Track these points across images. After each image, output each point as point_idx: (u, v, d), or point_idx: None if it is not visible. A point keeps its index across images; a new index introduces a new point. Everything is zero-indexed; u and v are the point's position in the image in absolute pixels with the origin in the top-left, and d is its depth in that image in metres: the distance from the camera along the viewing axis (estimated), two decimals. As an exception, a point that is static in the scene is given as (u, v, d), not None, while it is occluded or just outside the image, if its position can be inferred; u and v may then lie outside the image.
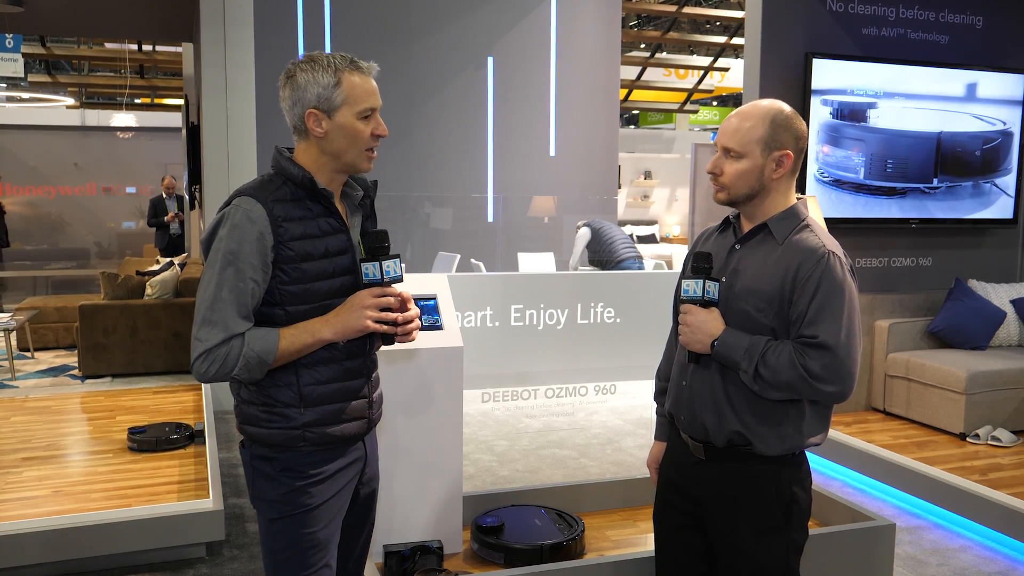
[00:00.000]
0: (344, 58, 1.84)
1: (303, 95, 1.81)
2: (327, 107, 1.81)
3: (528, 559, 2.92)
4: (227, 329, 1.75)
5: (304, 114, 1.82)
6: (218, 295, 1.75)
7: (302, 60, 1.84)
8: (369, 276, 1.85)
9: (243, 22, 5.91)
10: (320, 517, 1.89)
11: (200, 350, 1.75)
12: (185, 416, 4.95)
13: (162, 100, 16.51)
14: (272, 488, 1.88)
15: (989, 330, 5.10)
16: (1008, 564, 3.58)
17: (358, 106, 1.83)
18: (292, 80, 1.83)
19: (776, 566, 2.03)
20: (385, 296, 1.84)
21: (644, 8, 12.51)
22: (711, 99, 18.09)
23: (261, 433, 1.87)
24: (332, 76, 1.80)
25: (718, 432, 2.04)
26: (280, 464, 1.87)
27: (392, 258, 1.86)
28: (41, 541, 3.28)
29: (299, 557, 1.89)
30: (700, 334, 2.01)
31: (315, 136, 1.83)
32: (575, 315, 6.23)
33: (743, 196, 2.03)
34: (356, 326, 1.82)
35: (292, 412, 1.85)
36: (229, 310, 1.75)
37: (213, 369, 1.75)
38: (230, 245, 1.76)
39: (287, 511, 1.87)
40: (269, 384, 1.85)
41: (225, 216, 1.80)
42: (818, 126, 4.89)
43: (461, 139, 8.50)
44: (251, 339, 1.76)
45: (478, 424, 5.58)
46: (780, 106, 2.03)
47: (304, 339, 1.81)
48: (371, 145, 1.87)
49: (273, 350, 1.77)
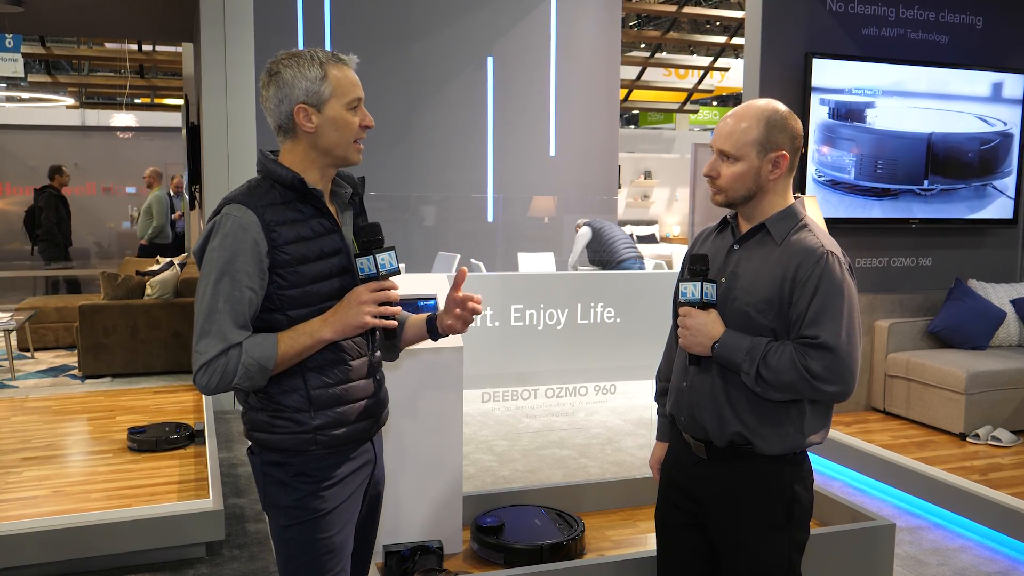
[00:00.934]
0: (323, 52, 1.82)
1: (290, 91, 1.78)
2: (316, 100, 1.78)
3: (528, 559, 2.92)
4: (224, 340, 1.73)
5: (293, 110, 1.79)
6: (214, 306, 1.73)
7: (283, 57, 1.81)
8: (365, 271, 1.83)
9: (243, 22, 5.91)
10: (334, 521, 1.87)
11: (199, 363, 1.74)
12: (185, 416, 4.95)
13: (162, 100, 16.52)
14: (285, 494, 1.86)
15: (989, 330, 5.10)
16: (1008, 564, 3.58)
17: (345, 97, 1.81)
18: (277, 77, 1.79)
19: (778, 565, 2.03)
20: (383, 290, 1.82)
21: (644, 8, 12.52)
22: (711, 99, 18.10)
23: (272, 439, 1.84)
24: (318, 69, 1.78)
25: (719, 433, 2.04)
26: (293, 469, 1.85)
27: (387, 250, 1.83)
28: (41, 541, 3.28)
29: (315, 563, 1.86)
30: (700, 336, 2.01)
31: (305, 132, 1.80)
32: (575, 315, 6.22)
33: (740, 198, 2.03)
34: (355, 323, 1.80)
35: (302, 416, 1.83)
36: (225, 321, 1.73)
37: (215, 381, 1.74)
38: (223, 255, 1.74)
39: (301, 516, 1.85)
40: (276, 391, 1.83)
41: (216, 225, 1.77)
42: (816, 126, 4.89)
43: (461, 139, 8.50)
44: (249, 347, 1.74)
45: (478, 424, 5.58)
46: (775, 106, 2.02)
47: (304, 341, 1.78)
48: (360, 136, 1.85)
49: (272, 355, 1.75)
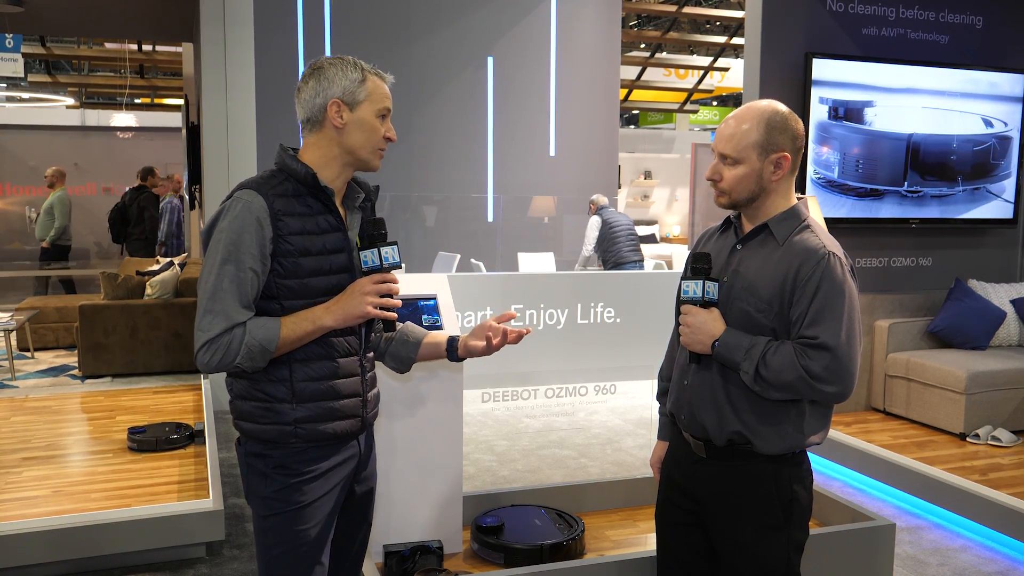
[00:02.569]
0: (366, 63, 1.93)
1: (329, 86, 1.87)
2: (351, 100, 1.87)
3: (528, 559, 2.92)
4: (228, 318, 1.77)
5: (327, 103, 1.87)
6: (219, 285, 1.78)
7: (328, 58, 1.92)
8: (368, 263, 1.87)
9: (243, 22, 5.91)
10: (313, 514, 1.91)
11: (202, 340, 1.78)
12: (185, 416, 4.95)
13: (162, 100, 16.52)
14: (265, 485, 1.90)
15: (989, 330, 5.10)
16: (1008, 564, 3.58)
17: (377, 104, 1.90)
18: (320, 72, 1.89)
19: (777, 564, 2.04)
20: (385, 282, 1.87)
21: (644, 8, 12.52)
22: (711, 99, 18.10)
23: (255, 429, 1.89)
24: (359, 73, 1.89)
25: (718, 432, 2.04)
26: (273, 461, 1.89)
27: (390, 244, 1.89)
28: (41, 541, 3.28)
29: (292, 554, 1.91)
30: (700, 335, 2.01)
31: (334, 126, 1.88)
32: (575, 315, 6.22)
33: (744, 200, 2.04)
34: (356, 312, 1.85)
35: (284, 408, 1.87)
36: (230, 300, 1.78)
37: (216, 358, 1.78)
38: (230, 236, 1.79)
39: (280, 508, 1.89)
40: (263, 378, 1.87)
41: (226, 208, 1.84)
42: (815, 126, 4.89)
43: (461, 139, 8.50)
44: (253, 328, 1.79)
45: (478, 424, 5.58)
46: (775, 107, 2.02)
47: (305, 327, 1.83)
48: (382, 145, 1.93)
49: (275, 338, 1.80)
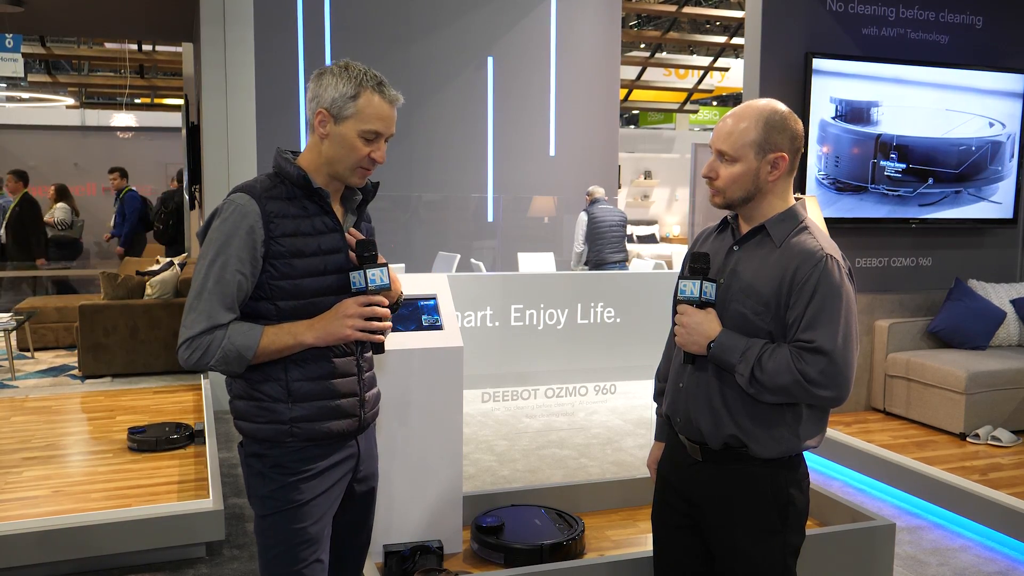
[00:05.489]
0: (374, 77, 1.88)
1: (322, 94, 1.88)
2: (336, 113, 1.87)
3: (528, 559, 2.92)
4: (210, 319, 1.80)
5: (316, 111, 1.88)
6: (204, 285, 1.81)
7: (337, 64, 1.90)
8: (356, 284, 1.90)
9: (243, 22, 5.91)
10: (310, 513, 1.92)
11: (184, 337, 1.82)
12: (185, 416, 4.95)
13: (162, 100, 16.53)
14: (263, 485, 1.92)
15: (989, 330, 5.09)
16: (1008, 564, 3.58)
17: (364, 125, 1.87)
18: (320, 77, 1.89)
19: (772, 568, 2.03)
20: (371, 305, 1.88)
21: (644, 8, 12.52)
22: (711, 99, 18.10)
23: (251, 428, 1.91)
24: (353, 88, 1.85)
25: (714, 435, 2.03)
26: (270, 461, 1.91)
27: (379, 267, 1.90)
28: (41, 541, 3.28)
29: (290, 552, 1.92)
30: (696, 335, 2.00)
31: (319, 134, 1.89)
32: (575, 315, 6.22)
33: (739, 199, 2.01)
34: (338, 334, 1.87)
35: (280, 407, 1.89)
36: (214, 300, 1.80)
37: (195, 357, 1.81)
38: (220, 238, 1.82)
39: (277, 507, 1.91)
40: (259, 378, 1.89)
41: (219, 210, 1.87)
42: (817, 125, 4.89)
43: (461, 139, 8.50)
44: (233, 333, 1.81)
45: (478, 424, 5.58)
46: (774, 106, 1.99)
47: (285, 340, 1.85)
48: (365, 165, 1.91)
49: (253, 347, 1.81)
